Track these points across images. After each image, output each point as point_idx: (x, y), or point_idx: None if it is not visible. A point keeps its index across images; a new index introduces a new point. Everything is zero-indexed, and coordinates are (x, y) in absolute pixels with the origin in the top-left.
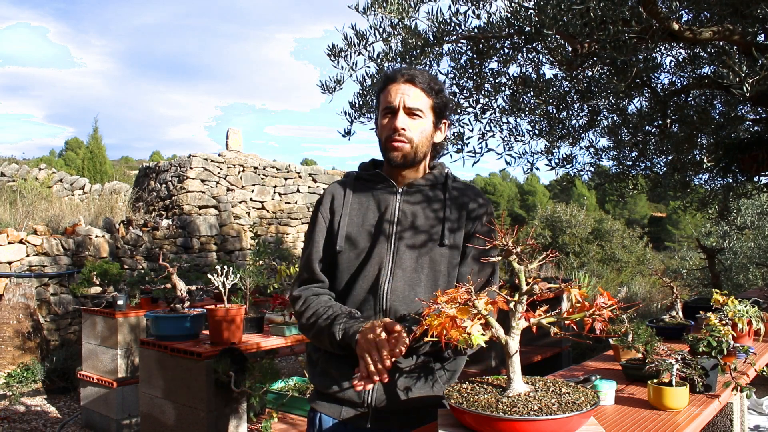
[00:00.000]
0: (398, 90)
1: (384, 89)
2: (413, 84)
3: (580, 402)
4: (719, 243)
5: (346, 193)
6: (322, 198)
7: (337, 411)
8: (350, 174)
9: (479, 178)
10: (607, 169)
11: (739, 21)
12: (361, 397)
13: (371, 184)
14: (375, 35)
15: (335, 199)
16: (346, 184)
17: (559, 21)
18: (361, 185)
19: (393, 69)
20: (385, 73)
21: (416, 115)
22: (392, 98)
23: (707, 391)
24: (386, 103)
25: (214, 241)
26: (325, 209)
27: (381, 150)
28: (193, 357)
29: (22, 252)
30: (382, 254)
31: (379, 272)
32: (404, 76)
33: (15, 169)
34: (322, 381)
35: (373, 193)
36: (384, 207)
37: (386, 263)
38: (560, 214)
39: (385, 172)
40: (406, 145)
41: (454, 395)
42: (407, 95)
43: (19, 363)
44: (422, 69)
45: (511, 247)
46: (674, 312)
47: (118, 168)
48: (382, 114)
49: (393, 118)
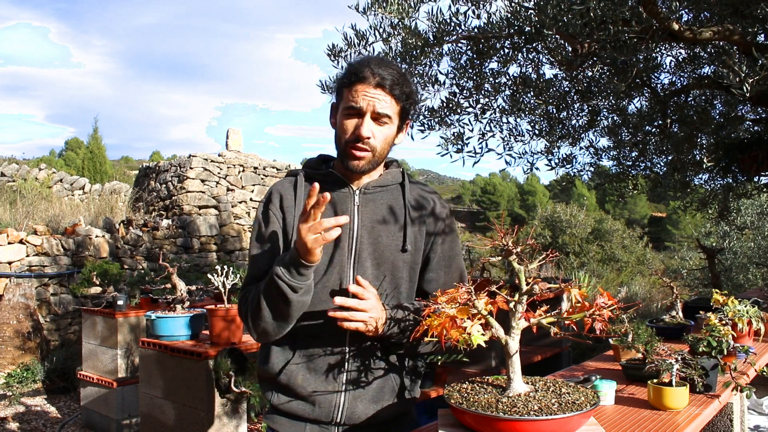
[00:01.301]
0: (367, 93)
1: (350, 86)
2: (383, 89)
3: (580, 402)
4: (719, 243)
5: (297, 193)
6: (270, 197)
7: (300, 429)
8: (296, 172)
9: (479, 178)
10: (607, 169)
11: (739, 21)
12: (329, 414)
13: (323, 184)
14: (375, 35)
15: (284, 199)
16: (295, 184)
17: (559, 21)
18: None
19: (360, 62)
20: (353, 66)
21: (383, 121)
22: (359, 100)
23: (707, 391)
24: (351, 102)
25: (214, 241)
26: (275, 208)
27: (337, 149)
28: (193, 357)
29: (22, 252)
30: (343, 263)
31: (341, 281)
32: (375, 77)
33: (15, 169)
34: (279, 396)
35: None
36: (342, 211)
37: (347, 272)
38: (560, 214)
39: (339, 171)
40: (369, 153)
41: (454, 395)
42: (377, 100)
43: (19, 363)
44: (390, 63)
45: (512, 248)
46: (674, 312)
47: (118, 168)
48: (344, 112)
49: (358, 123)
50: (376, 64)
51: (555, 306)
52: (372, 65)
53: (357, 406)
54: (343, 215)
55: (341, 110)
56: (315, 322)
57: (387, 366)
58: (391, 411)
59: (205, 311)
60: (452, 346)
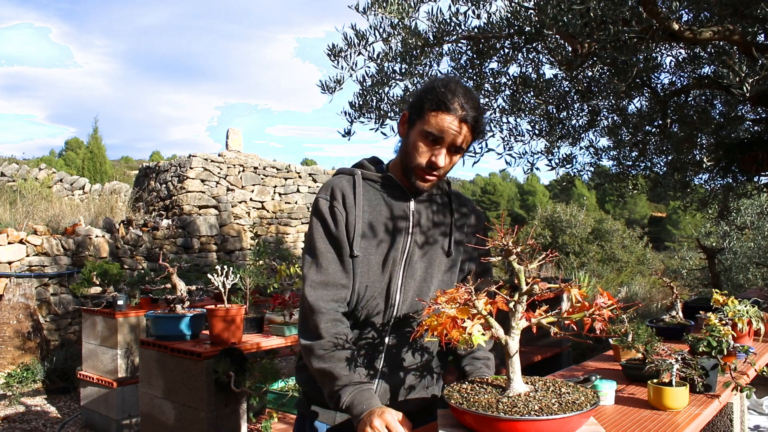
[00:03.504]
0: (452, 126)
1: (436, 112)
2: (467, 125)
3: (580, 402)
4: (719, 243)
5: (356, 192)
6: (333, 193)
7: (332, 417)
8: (351, 171)
9: (479, 178)
10: (607, 169)
11: (739, 21)
12: None
13: (380, 186)
14: (375, 35)
15: (346, 198)
16: (354, 184)
17: (559, 21)
18: (369, 186)
19: (450, 90)
20: (442, 93)
21: (457, 152)
22: (443, 130)
23: (707, 391)
24: (434, 129)
25: (214, 241)
26: (339, 205)
27: (404, 162)
28: (193, 357)
29: (22, 252)
30: (396, 262)
31: (391, 280)
32: (463, 111)
33: (15, 169)
34: (314, 385)
35: (383, 197)
36: (397, 214)
37: (398, 271)
38: (560, 214)
39: (396, 176)
40: (437, 179)
41: (454, 395)
42: (459, 135)
43: (19, 363)
44: (473, 95)
45: (512, 248)
46: (674, 312)
47: (118, 168)
48: (422, 133)
49: (435, 152)
50: (463, 95)
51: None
52: (460, 97)
53: (386, 398)
54: (398, 216)
55: (419, 131)
56: (360, 316)
57: (420, 362)
58: (416, 404)
59: (205, 311)
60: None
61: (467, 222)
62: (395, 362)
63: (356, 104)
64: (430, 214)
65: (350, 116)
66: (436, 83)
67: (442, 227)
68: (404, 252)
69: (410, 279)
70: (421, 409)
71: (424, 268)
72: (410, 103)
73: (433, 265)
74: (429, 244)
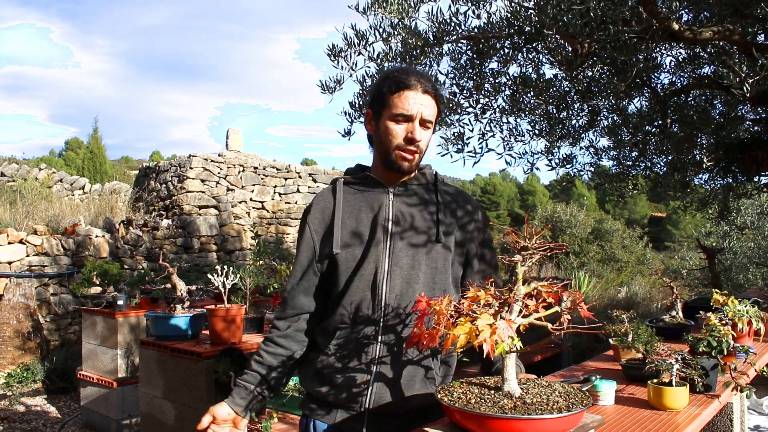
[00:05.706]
0: (416, 100)
1: (398, 93)
2: (430, 95)
3: (576, 401)
4: (719, 243)
5: (336, 198)
6: (310, 208)
7: (332, 415)
8: (336, 179)
9: (479, 178)
10: (607, 169)
11: (739, 21)
12: (358, 400)
13: (361, 186)
14: (375, 35)
15: (326, 207)
16: (335, 190)
17: (559, 21)
18: (350, 189)
19: (403, 71)
20: (397, 75)
21: (428, 125)
22: (410, 107)
23: (707, 391)
24: (401, 110)
25: (214, 241)
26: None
27: (381, 153)
28: (193, 357)
29: (22, 252)
30: (379, 253)
31: (377, 271)
32: (422, 85)
33: (15, 169)
34: (314, 384)
35: (364, 195)
36: (377, 206)
37: (383, 261)
38: (560, 214)
39: (376, 175)
40: (417, 155)
41: (446, 394)
42: (425, 106)
43: (19, 363)
44: (426, 71)
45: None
46: (674, 312)
47: (118, 168)
48: (392, 118)
49: (409, 128)
50: (416, 72)
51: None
52: (414, 73)
53: (385, 394)
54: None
55: (388, 116)
56: (349, 311)
57: (418, 356)
58: (419, 401)
59: (205, 311)
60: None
61: (460, 210)
62: (390, 357)
63: (356, 104)
64: (412, 201)
65: (350, 116)
66: (388, 71)
67: (426, 214)
68: (386, 240)
69: (396, 267)
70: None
71: (411, 255)
72: (369, 100)
73: (420, 252)
74: (413, 231)
